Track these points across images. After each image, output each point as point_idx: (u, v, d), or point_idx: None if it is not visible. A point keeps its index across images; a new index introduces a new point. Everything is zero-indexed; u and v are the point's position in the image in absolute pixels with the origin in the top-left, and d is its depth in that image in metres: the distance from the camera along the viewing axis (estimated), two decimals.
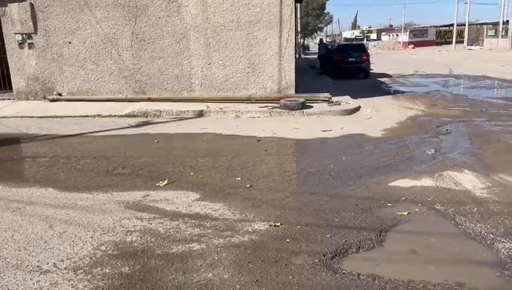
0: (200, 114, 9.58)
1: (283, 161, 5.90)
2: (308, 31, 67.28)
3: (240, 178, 5.12)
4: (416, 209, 4.10)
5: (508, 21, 43.77)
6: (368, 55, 19.17)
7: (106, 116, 9.58)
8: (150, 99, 10.73)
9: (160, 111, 9.69)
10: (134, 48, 10.82)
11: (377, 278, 2.90)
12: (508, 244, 3.33)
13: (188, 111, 9.66)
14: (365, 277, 2.92)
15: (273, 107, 9.73)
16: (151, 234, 3.63)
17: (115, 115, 9.59)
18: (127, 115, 9.59)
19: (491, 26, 51.99)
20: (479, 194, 4.41)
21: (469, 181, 4.82)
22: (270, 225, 3.77)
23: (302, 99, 9.73)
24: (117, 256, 3.27)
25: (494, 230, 3.58)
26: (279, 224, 3.78)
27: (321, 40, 26.72)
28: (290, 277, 2.94)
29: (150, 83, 10.98)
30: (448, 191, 4.55)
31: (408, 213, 4.00)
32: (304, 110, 9.50)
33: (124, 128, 8.45)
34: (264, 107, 9.85)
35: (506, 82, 15.49)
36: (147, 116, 9.52)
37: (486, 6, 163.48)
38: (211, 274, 2.98)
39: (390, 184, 4.82)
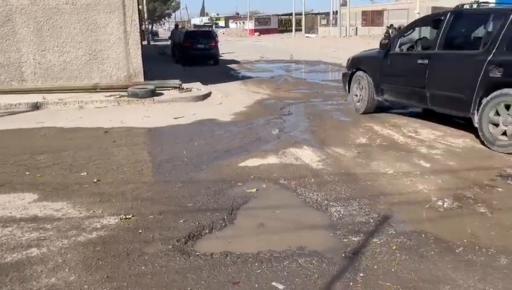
0: (36, 106, 8.59)
1: (134, 151, 5.68)
2: (155, 17, 65.61)
3: (85, 173, 4.77)
4: (264, 186, 4.38)
5: (337, 11, 49.27)
6: (217, 42, 19.60)
7: None
8: None
9: None
10: None
11: (229, 254, 3.02)
12: (339, 208, 3.80)
13: (21, 104, 8.58)
14: (218, 255, 3.01)
15: (121, 96, 9.27)
16: None
17: None
18: None
19: (323, 15, 57.97)
20: (315, 167, 4.92)
21: (307, 156, 5.33)
22: (121, 219, 3.61)
23: (151, 87, 9.48)
24: None
25: (328, 197, 4.04)
26: (130, 216, 3.65)
27: (176, 25, 26.24)
28: (143, 267, 2.87)
29: None
30: (290, 166, 4.97)
31: (256, 190, 4.25)
32: (155, 97, 9.28)
33: None
34: (110, 96, 9.32)
35: (337, 66, 17.47)
36: None
37: None
38: (53, 279, 2.73)
39: (240, 165, 5.04)
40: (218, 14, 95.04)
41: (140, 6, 19.26)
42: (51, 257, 3.00)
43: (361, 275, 2.76)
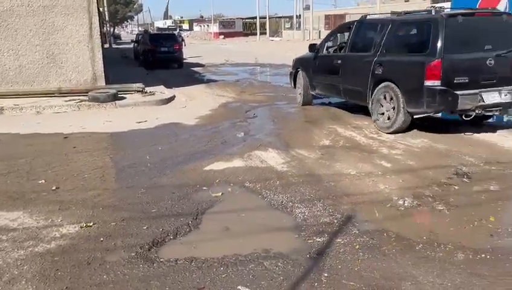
0: None
1: (95, 157, 5.53)
2: (117, 19, 64.30)
3: (43, 181, 4.59)
4: (229, 189, 4.36)
5: (300, 15, 49.94)
6: (181, 45, 19.44)
7: None
8: None
9: None
10: None
11: (194, 259, 2.98)
12: (304, 209, 3.84)
13: None
14: (183, 261, 2.97)
15: (81, 101, 9.01)
16: None
17: None
18: None
19: (287, 19, 58.61)
20: (280, 169, 4.95)
21: (272, 158, 5.36)
22: (81, 227, 3.50)
23: (113, 91, 9.27)
24: None
25: (292, 198, 4.07)
26: (91, 224, 3.54)
27: (145, 30, 25.76)
28: (105, 276, 2.79)
29: None
30: (255, 169, 4.98)
31: (222, 194, 4.23)
32: (117, 102, 9.08)
33: None
34: (70, 100, 9.04)
35: None
36: None
37: (283, 1, 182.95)
38: None
39: (205, 168, 5.00)
40: (182, 17, 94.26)
41: (101, 9, 18.84)
42: (7, 269, 2.87)
43: (325, 275, 2.79)
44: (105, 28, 34.54)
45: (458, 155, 5.30)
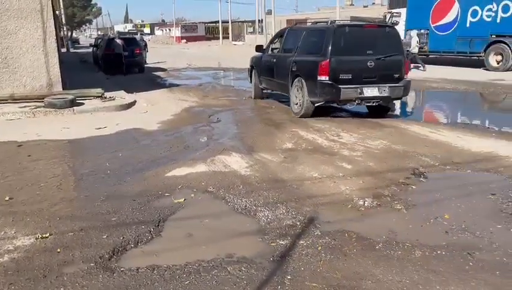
0: None
1: (51, 165, 5.32)
2: (75, 23, 62.51)
3: None
4: (192, 195, 4.32)
5: (262, 20, 50.28)
6: (141, 49, 19.09)
7: None
8: None
9: None
10: None
11: (156, 268, 2.93)
12: (267, 212, 3.85)
13: None
14: (144, 269, 2.91)
15: (37, 107, 8.67)
16: None
17: None
18: None
19: (250, 23, 58.87)
20: (244, 173, 4.95)
21: (236, 162, 5.35)
22: (36, 238, 3.36)
23: (71, 97, 8.98)
24: None
25: (256, 202, 4.08)
26: (47, 235, 3.41)
27: (104, 34, 24.91)
28: (62, 289, 2.69)
29: None
30: (219, 173, 4.95)
31: (184, 200, 4.18)
32: (75, 108, 8.80)
33: None
34: (25, 107, 8.68)
35: None
36: None
37: (245, 5, 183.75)
38: None
39: (167, 174, 4.93)
40: (143, 21, 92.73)
41: (57, 12, 18.24)
42: None
43: (288, 277, 2.81)
44: (62, 32, 33.44)
45: (415, 156, 5.48)
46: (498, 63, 15.00)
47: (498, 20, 15.05)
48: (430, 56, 18.21)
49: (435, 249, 3.14)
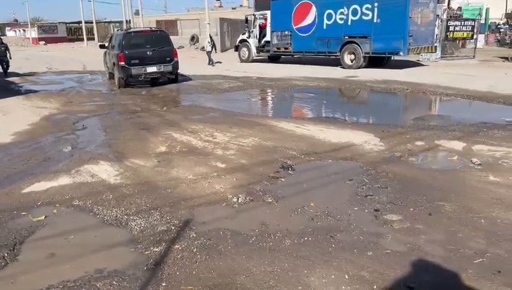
0: None
1: None
2: None
3: None
4: (54, 211, 3.94)
5: (130, 20, 48.31)
6: None
7: None
8: None
9: None
10: None
11: None
12: (140, 220, 3.70)
13: None
14: None
15: None
16: None
17: None
18: None
19: (117, 24, 56.00)
20: (113, 181, 4.68)
21: (104, 171, 5.04)
22: None
23: None
24: None
25: (127, 211, 3.89)
26: None
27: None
28: None
29: None
30: (85, 184, 4.61)
31: (45, 217, 3.80)
32: None
33: None
34: None
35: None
36: None
37: (111, 5, 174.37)
38: None
39: (24, 191, 4.43)
40: None
41: None
42: None
43: (163, 284, 2.74)
44: None
45: (283, 150, 5.80)
46: (352, 62, 16.69)
47: (349, 23, 16.73)
48: (294, 56, 19.46)
49: (302, 236, 3.36)
